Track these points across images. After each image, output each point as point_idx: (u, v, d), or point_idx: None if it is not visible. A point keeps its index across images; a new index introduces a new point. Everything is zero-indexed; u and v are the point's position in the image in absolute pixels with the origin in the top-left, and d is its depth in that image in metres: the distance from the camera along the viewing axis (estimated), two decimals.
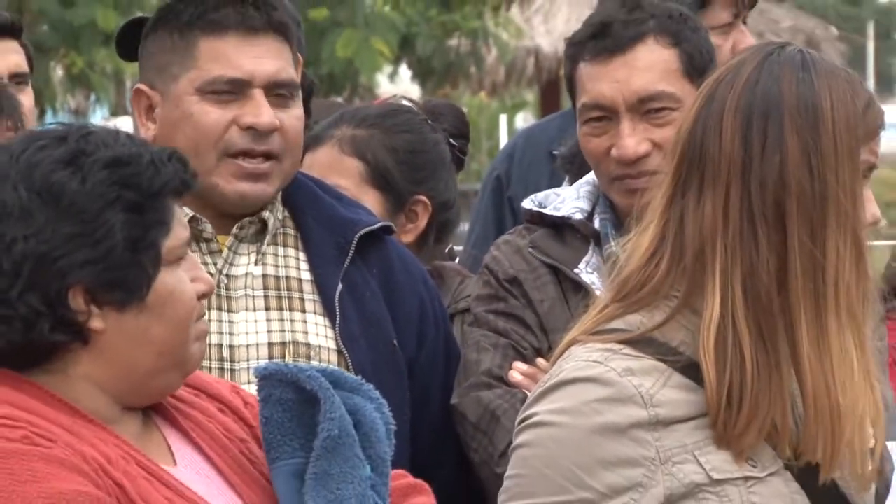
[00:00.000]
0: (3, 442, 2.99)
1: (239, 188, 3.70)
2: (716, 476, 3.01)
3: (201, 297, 3.14)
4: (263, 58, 3.81)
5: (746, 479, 3.03)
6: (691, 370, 3.01)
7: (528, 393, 3.31)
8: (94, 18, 13.11)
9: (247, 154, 3.77)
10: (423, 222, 4.61)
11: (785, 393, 3.02)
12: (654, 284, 3.09)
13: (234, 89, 3.77)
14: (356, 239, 3.91)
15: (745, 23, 4.82)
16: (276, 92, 3.80)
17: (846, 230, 3.04)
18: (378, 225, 4.02)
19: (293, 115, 3.83)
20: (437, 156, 4.67)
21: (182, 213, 3.10)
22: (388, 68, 16.53)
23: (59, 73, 15.64)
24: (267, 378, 3.14)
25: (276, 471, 3.17)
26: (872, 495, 3.29)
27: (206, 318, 3.49)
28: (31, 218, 2.97)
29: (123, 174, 2.99)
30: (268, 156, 3.79)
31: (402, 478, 3.29)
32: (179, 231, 3.07)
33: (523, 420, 3.12)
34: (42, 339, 3.00)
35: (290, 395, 3.16)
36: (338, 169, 4.46)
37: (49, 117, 16.28)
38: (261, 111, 3.76)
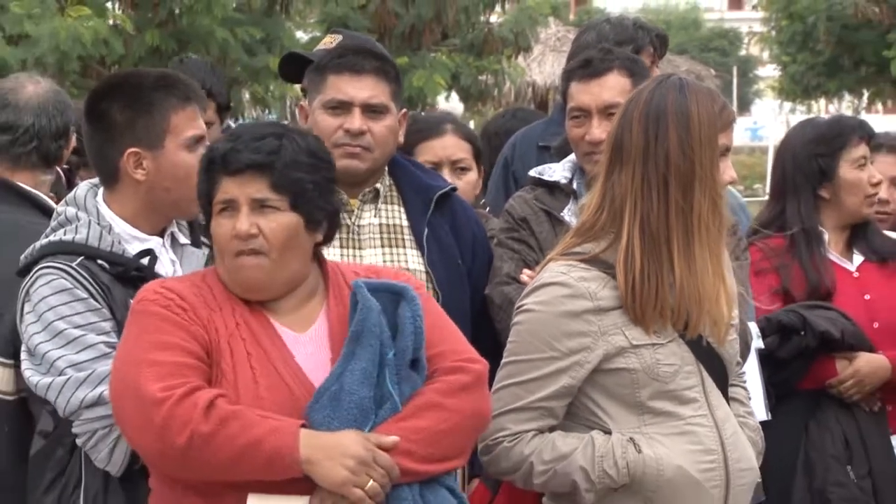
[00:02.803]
0: (152, 305, 3.17)
1: (341, 164, 3.76)
2: (634, 342, 3.46)
3: None
4: (362, 89, 4.13)
5: (653, 344, 3.47)
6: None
7: (525, 290, 3.67)
8: (268, 63, 15.66)
9: (347, 145, 4.09)
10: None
11: (665, 289, 3.46)
12: (599, 226, 3.54)
13: (341, 107, 4.13)
14: (435, 197, 4.26)
15: (657, 66, 5.16)
16: (370, 110, 4.14)
17: (706, 191, 3.47)
18: (448, 188, 4.36)
19: (382, 125, 4.15)
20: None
21: None
22: (443, 93, 19.97)
23: (246, 96, 17.01)
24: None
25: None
26: (734, 348, 3.70)
27: (341, 255, 4.03)
28: None
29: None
30: (361, 146, 4.10)
31: (459, 371, 3.25)
32: None
33: (518, 308, 3.57)
34: None
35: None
36: (463, 147, 4.89)
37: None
38: (354, 121, 4.10)
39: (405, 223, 4.26)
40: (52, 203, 4.12)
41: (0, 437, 3.83)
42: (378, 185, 4.25)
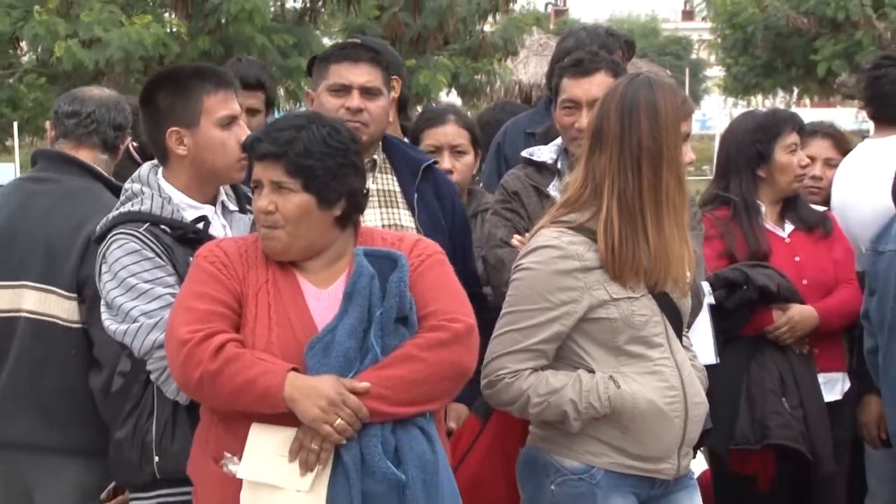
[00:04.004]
0: (202, 260, 3.23)
1: None
2: (613, 296, 3.47)
3: None
4: (360, 74, 4.09)
5: (629, 298, 3.49)
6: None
7: (520, 251, 3.66)
8: (299, 64, 16.13)
9: (348, 121, 3.84)
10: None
11: (640, 252, 3.46)
12: (583, 200, 3.54)
13: (342, 90, 4.08)
14: (422, 168, 4.23)
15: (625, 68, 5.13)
16: (366, 92, 4.08)
17: (672, 170, 3.49)
18: (431, 161, 4.35)
19: (376, 104, 4.09)
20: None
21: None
22: (444, 90, 20.20)
23: (281, 92, 17.28)
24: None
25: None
26: (689, 303, 3.71)
27: None
28: None
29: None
30: (360, 122, 4.02)
31: (439, 329, 3.18)
32: None
33: (516, 266, 3.56)
34: None
35: None
36: (462, 134, 4.83)
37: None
38: (353, 101, 4.05)
39: (398, 189, 4.20)
40: (107, 175, 4.16)
41: (69, 358, 3.93)
42: (375, 157, 4.21)
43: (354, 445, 3.03)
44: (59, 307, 3.94)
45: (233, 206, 3.72)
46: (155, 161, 3.66)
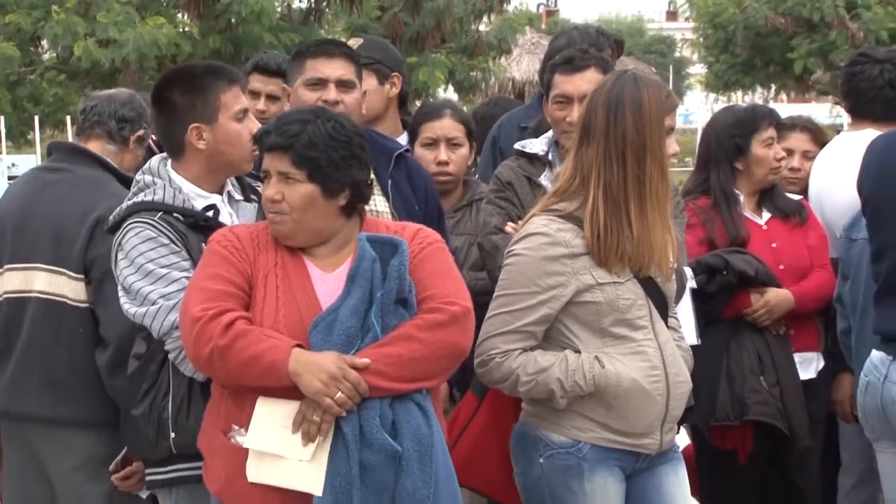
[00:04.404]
0: (215, 245, 3.25)
1: None
2: (599, 281, 3.47)
3: None
4: (336, 69, 4.03)
5: (614, 282, 3.48)
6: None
7: (513, 237, 3.66)
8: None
9: None
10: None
11: (624, 240, 3.46)
12: (572, 189, 3.53)
13: (319, 83, 4.01)
14: (394, 156, 4.16)
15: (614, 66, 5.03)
16: (342, 85, 4.02)
17: (656, 162, 3.47)
18: (404, 149, 4.31)
19: (351, 97, 4.02)
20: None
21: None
22: (442, 86, 20.04)
23: None
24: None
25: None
26: (674, 287, 3.71)
27: None
28: None
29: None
30: None
31: (437, 311, 3.18)
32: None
33: (508, 252, 3.56)
34: None
35: None
36: (457, 128, 4.81)
37: None
38: (330, 94, 3.98)
39: (372, 176, 4.09)
40: (113, 163, 4.16)
41: (76, 336, 3.93)
42: None
43: (354, 418, 3.04)
44: (67, 287, 3.93)
45: (238, 196, 3.70)
46: (164, 154, 3.64)
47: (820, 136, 5.47)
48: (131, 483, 3.87)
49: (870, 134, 4.78)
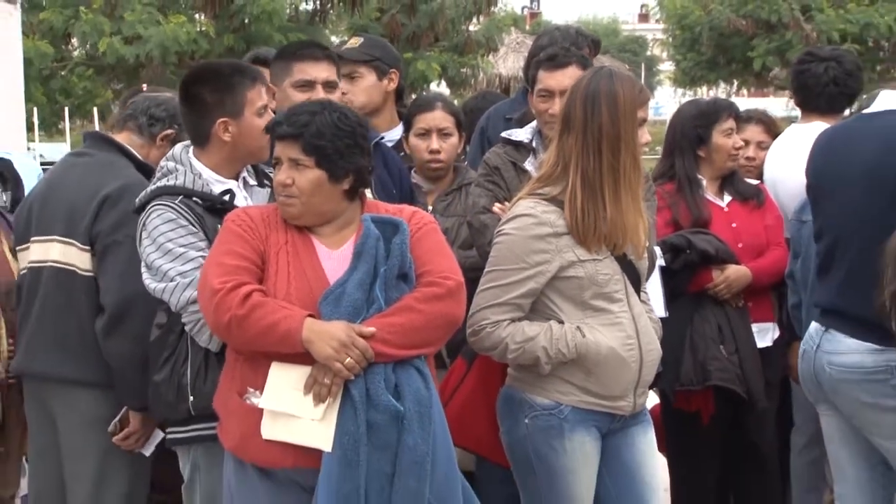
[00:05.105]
0: (231, 224, 3.25)
1: None
2: (580, 258, 3.47)
3: None
4: (322, 71, 4.02)
5: (594, 259, 3.49)
6: None
7: (501, 217, 3.67)
8: None
9: None
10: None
11: (600, 221, 3.46)
12: (555, 176, 3.52)
13: (307, 85, 3.99)
14: (371, 144, 4.03)
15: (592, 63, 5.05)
16: (328, 86, 4.02)
17: (629, 151, 3.46)
18: (379, 137, 4.30)
19: (335, 96, 3.98)
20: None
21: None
22: (435, 81, 19.72)
23: None
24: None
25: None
26: (646, 264, 3.71)
27: None
28: None
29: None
30: None
31: (434, 285, 3.19)
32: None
33: (498, 231, 3.55)
34: None
35: None
36: (448, 119, 4.71)
37: None
38: (318, 95, 3.92)
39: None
40: (136, 153, 4.13)
41: (82, 303, 3.92)
42: None
43: (361, 381, 3.05)
44: (77, 258, 3.92)
45: (252, 181, 3.70)
46: (186, 142, 3.63)
47: (773, 127, 5.46)
48: (130, 442, 3.89)
49: (817, 126, 4.78)
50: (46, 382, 4.03)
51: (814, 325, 3.97)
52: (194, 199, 3.47)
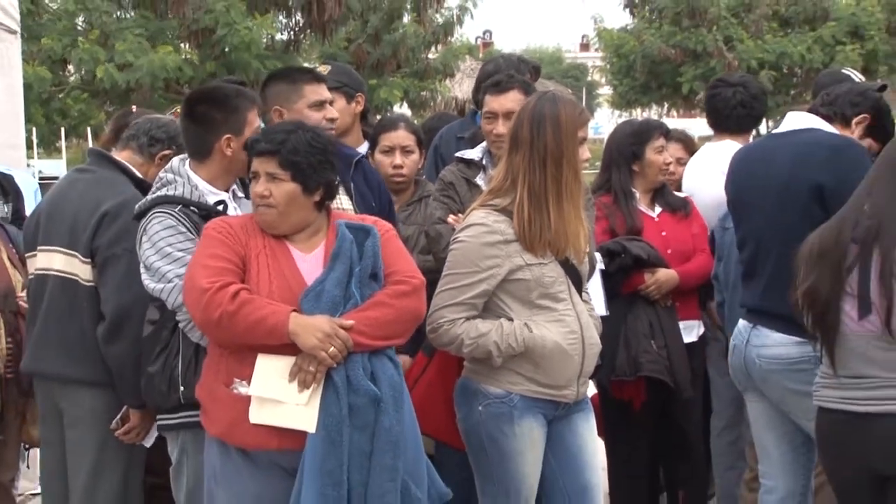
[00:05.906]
0: (211, 231, 3.22)
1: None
2: (527, 262, 3.46)
3: None
4: (325, 92, 3.99)
5: (540, 263, 3.47)
6: None
7: (455, 227, 3.69)
8: None
9: (330, 130, 3.76)
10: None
11: (545, 230, 3.45)
12: (504, 189, 3.51)
13: (321, 105, 3.94)
14: (354, 161, 4.09)
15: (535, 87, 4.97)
16: (330, 104, 3.99)
17: (571, 167, 3.46)
18: (361, 154, 4.28)
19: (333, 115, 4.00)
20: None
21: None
22: (398, 104, 19.39)
23: None
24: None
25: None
26: (587, 268, 3.70)
27: None
28: None
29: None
30: (335, 128, 3.95)
31: (402, 283, 3.21)
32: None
33: (454, 239, 3.55)
34: None
35: None
36: (410, 138, 4.69)
37: None
38: (332, 113, 3.97)
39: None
40: (135, 171, 4.06)
41: (84, 309, 3.87)
42: None
43: (342, 369, 3.06)
44: (79, 269, 3.87)
45: (240, 193, 3.66)
46: (183, 156, 3.60)
47: (690, 145, 5.49)
48: (132, 436, 3.86)
49: (728, 144, 4.82)
50: (53, 381, 3.99)
51: (742, 323, 3.98)
52: (191, 208, 3.44)
